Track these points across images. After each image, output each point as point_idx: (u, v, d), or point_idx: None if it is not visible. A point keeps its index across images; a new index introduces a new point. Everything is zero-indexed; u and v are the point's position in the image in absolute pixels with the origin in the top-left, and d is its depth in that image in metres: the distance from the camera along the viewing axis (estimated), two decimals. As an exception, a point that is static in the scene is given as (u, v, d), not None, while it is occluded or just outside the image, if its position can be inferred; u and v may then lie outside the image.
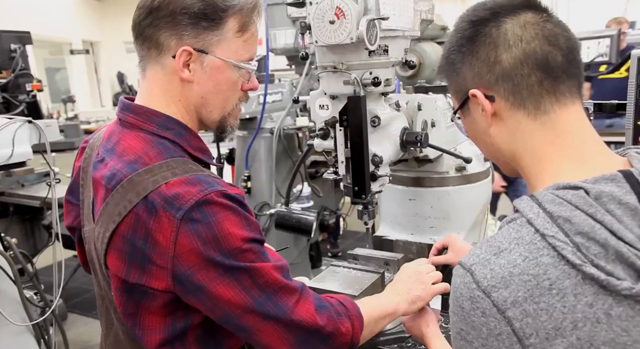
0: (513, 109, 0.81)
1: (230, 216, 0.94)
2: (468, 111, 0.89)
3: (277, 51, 3.37)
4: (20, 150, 2.26)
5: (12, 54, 3.29)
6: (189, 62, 1.02)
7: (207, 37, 1.02)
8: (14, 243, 2.30)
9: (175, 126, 1.05)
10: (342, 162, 1.37)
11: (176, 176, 0.95)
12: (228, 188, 0.98)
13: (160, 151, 1.00)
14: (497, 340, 0.70)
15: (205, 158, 1.08)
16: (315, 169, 3.78)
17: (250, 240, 0.96)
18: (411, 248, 1.73)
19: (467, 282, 0.73)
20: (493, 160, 0.94)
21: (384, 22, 1.25)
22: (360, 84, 1.29)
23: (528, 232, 0.72)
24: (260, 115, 3.24)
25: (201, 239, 0.91)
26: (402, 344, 1.36)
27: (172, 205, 0.92)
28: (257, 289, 0.95)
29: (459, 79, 0.87)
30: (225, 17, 1.02)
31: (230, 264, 0.93)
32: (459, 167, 1.70)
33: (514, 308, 0.69)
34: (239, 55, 1.06)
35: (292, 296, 0.99)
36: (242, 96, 1.13)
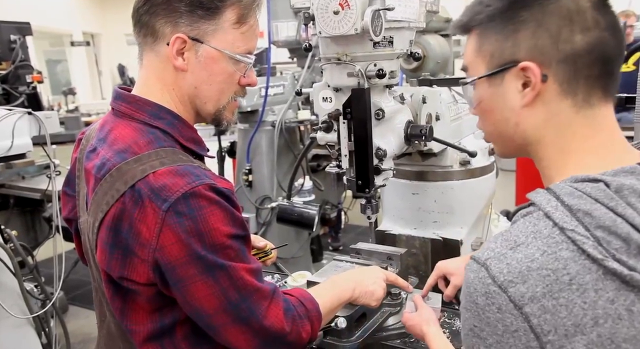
0: (561, 95, 0.75)
1: (216, 210, 0.93)
2: (499, 81, 0.78)
3: (279, 44, 3.35)
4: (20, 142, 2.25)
5: (12, 45, 3.27)
6: (183, 51, 1.01)
7: (202, 26, 1.00)
8: (14, 235, 2.29)
9: (167, 116, 1.03)
10: (346, 155, 1.35)
11: (164, 166, 0.93)
12: (217, 181, 0.96)
13: (151, 140, 0.99)
14: (513, 337, 0.68)
15: (198, 149, 1.07)
16: (317, 163, 3.76)
17: (233, 236, 0.95)
18: (414, 243, 1.72)
19: (482, 277, 0.70)
20: (499, 140, 0.86)
21: (389, 13, 1.23)
22: (364, 76, 1.27)
23: (546, 226, 0.70)
24: (262, 108, 3.22)
25: (185, 233, 0.90)
26: (405, 340, 1.35)
27: (158, 196, 0.90)
28: (234, 290, 0.94)
29: (508, 42, 0.76)
30: (222, 7, 1.00)
31: (211, 260, 0.92)
32: (463, 161, 1.68)
33: (532, 303, 0.66)
34: (235, 47, 1.04)
35: (265, 301, 0.98)
36: (239, 90, 1.11)
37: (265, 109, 3.24)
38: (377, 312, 1.37)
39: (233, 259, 0.95)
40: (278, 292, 1.03)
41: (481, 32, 0.79)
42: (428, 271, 1.72)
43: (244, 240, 1.00)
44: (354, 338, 1.25)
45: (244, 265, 0.97)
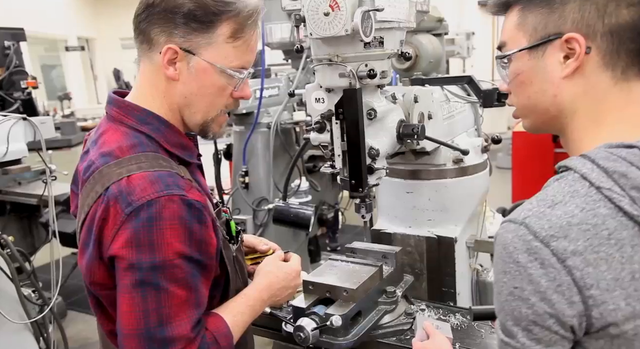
0: (602, 67, 0.79)
1: (176, 225, 0.92)
2: (541, 54, 0.81)
3: (273, 45, 3.36)
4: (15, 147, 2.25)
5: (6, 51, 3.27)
6: (175, 61, 1.02)
7: (196, 39, 1.01)
8: (11, 241, 2.29)
9: (153, 121, 1.04)
10: (339, 155, 1.36)
11: (141, 170, 0.95)
12: (189, 192, 0.96)
13: (134, 145, 1.00)
14: (556, 292, 0.69)
15: (184, 155, 1.07)
16: (313, 164, 3.77)
17: (185, 257, 0.94)
18: (409, 241, 1.73)
19: (522, 234, 0.72)
20: (531, 112, 0.88)
21: (378, 14, 1.24)
22: (355, 76, 1.28)
23: (582, 186, 0.73)
24: (257, 110, 3.23)
25: (137, 241, 0.91)
26: (401, 337, 1.36)
27: (124, 199, 0.92)
28: (156, 316, 0.92)
29: (554, 15, 0.79)
30: (217, 21, 1.01)
31: (149, 276, 0.91)
32: (456, 160, 1.69)
33: (575, 257, 0.68)
34: (228, 61, 1.04)
35: (181, 342, 0.94)
36: (231, 103, 1.11)
37: (260, 111, 3.24)
38: (373, 310, 1.38)
39: (176, 281, 0.93)
40: (200, 330, 0.99)
41: (524, 6, 0.83)
42: (423, 269, 1.73)
43: (199, 265, 0.97)
44: (350, 336, 1.26)
45: (185, 293, 0.94)
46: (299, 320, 1.25)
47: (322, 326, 1.23)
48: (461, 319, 1.43)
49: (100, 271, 0.97)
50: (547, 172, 5.04)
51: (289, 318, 1.33)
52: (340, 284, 1.32)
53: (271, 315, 1.41)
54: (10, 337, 2.16)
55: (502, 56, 0.88)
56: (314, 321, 1.24)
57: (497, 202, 4.61)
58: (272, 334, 1.50)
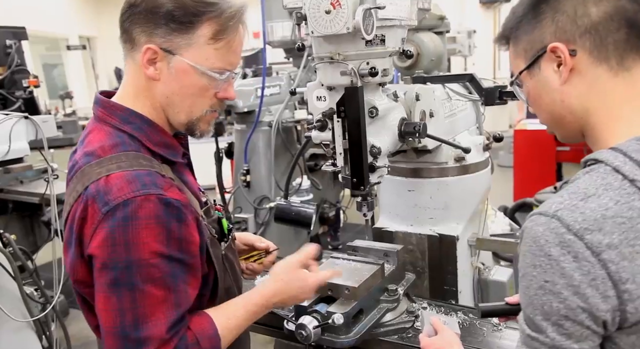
0: (595, 63, 0.81)
1: (152, 224, 0.93)
2: (538, 70, 0.87)
3: (274, 44, 3.36)
4: (17, 146, 2.25)
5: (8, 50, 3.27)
6: (155, 61, 1.02)
7: (175, 39, 1.00)
8: (13, 240, 2.29)
9: (136, 120, 1.05)
10: (340, 153, 1.36)
11: (120, 170, 0.95)
12: (168, 191, 0.96)
13: (116, 144, 1.01)
14: (590, 286, 0.69)
15: (167, 154, 1.07)
16: (315, 162, 3.77)
17: (163, 256, 0.94)
18: (411, 239, 1.73)
19: (554, 227, 0.71)
20: (555, 124, 0.92)
21: (380, 12, 1.24)
22: (357, 74, 1.28)
23: (615, 179, 0.73)
24: (259, 108, 3.23)
25: (112, 240, 0.91)
26: (402, 335, 1.36)
27: (102, 198, 0.93)
28: (131, 315, 0.92)
29: (534, 34, 0.86)
30: (197, 22, 1.00)
31: (124, 276, 0.92)
32: (457, 158, 1.69)
33: (610, 250, 0.68)
34: (210, 62, 1.03)
35: (155, 342, 0.94)
36: (216, 103, 1.10)
37: (261, 110, 3.25)
38: (375, 308, 1.38)
39: (153, 281, 0.93)
40: (178, 331, 0.97)
41: (515, 36, 0.90)
42: (425, 268, 1.73)
43: (181, 264, 0.97)
44: (352, 334, 1.26)
45: (161, 293, 0.94)
46: (301, 318, 1.25)
47: (324, 324, 1.23)
48: (463, 318, 1.43)
49: (82, 269, 0.99)
50: (548, 170, 5.03)
51: (291, 316, 1.33)
52: (342, 283, 1.32)
53: (273, 313, 1.41)
54: (13, 335, 2.17)
55: (510, 84, 0.96)
56: (316, 319, 1.24)
57: (499, 200, 4.61)
58: (274, 332, 1.50)
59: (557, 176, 5.10)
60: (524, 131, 5.28)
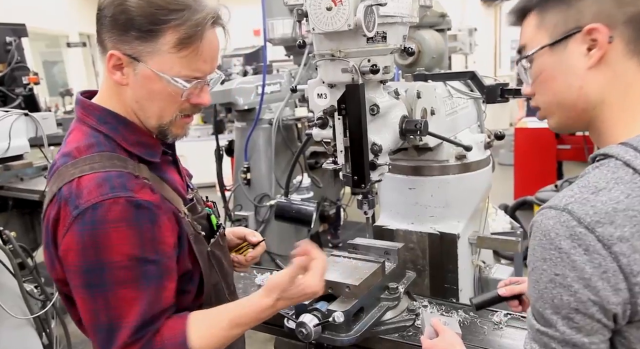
0: (627, 56, 0.79)
1: (122, 227, 0.93)
2: (563, 49, 0.82)
3: (275, 41, 3.35)
4: (17, 143, 2.24)
5: (8, 47, 3.25)
6: (122, 66, 1.01)
7: (139, 47, 0.99)
8: (13, 237, 2.29)
9: (112, 120, 1.04)
10: (341, 151, 1.35)
11: (92, 171, 0.95)
12: (139, 193, 0.95)
13: (91, 144, 1.00)
14: (601, 279, 0.68)
15: (144, 154, 1.05)
16: (315, 160, 3.76)
17: (134, 258, 0.94)
18: (411, 237, 1.73)
19: (565, 220, 0.71)
20: (560, 109, 0.86)
21: (381, 8, 1.23)
22: (358, 71, 1.27)
23: (626, 173, 0.72)
24: (259, 106, 3.23)
25: (82, 243, 0.92)
26: (403, 333, 1.36)
27: (73, 202, 0.93)
28: (104, 315, 0.95)
29: (572, 10, 0.80)
30: (159, 30, 0.97)
31: (96, 278, 0.93)
32: (459, 156, 1.68)
33: (621, 243, 0.68)
34: (174, 71, 1.00)
35: (120, 345, 0.94)
36: (188, 108, 1.07)
37: (262, 107, 3.24)
38: (375, 306, 1.38)
39: (123, 283, 0.94)
40: (143, 336, 0.96)
41: (541, 9, 0.84)
42: (426, 266, 1.73)
43: (155, 265, 0.97)
44: (352, 333, 1.26)
45: (132, 294, 0.94)
46: (301, 316, 1.25)
47: (325, 322, 1.23)
48: (464, 316, 1.42)
49: (60, 269, 0.99)
50: (549, 168, 5.03)
51: (291, 314, 1.33)
52: (342, 281, 1.32)
53: (273, 311, 1.41)
54: (13, 332, 2.16)
55: (523, 57, 0.88)
56: (316, 317, 1.24)
57: (500, 198, 4.60)
58: (274, 330, 1.50)
59: (557, 175, 5.10)
60: (524, 129, 5.27)
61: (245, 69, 4.02)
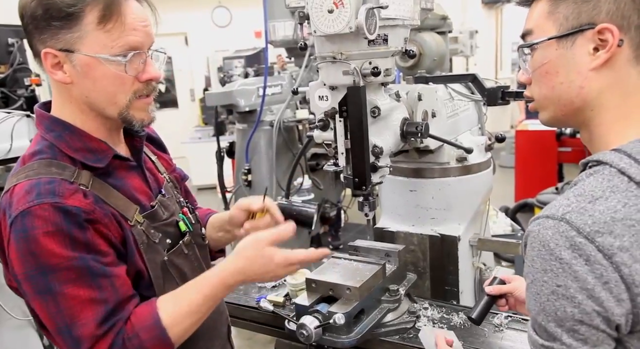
0: (633, 62, 0.77)
1: (51, 232, 0.92)
2: (570, 44, 0.79)
3: (276, 43, 3.35)
4: (18, 144, 2.24)
5: (10, 48, 3.26)
6: (60, 64, 1.00)
7: (65, 36, 0.97)
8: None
9: (57, 128, 1.04)
10: (342, 153, 1.35)
11: (27, 179, 0.97)
12: (69, 199, 0.95)
13: (34, 152, 1.02)
14: (604, 290, 0.67)
15: (88, 160, 1.03)
16: (316, 162, 3.77)
17: (71, 258, 0.94)
18: (412, 239, 1.73)
19: (564, 231, 0.69)
20: (554, 105, 0.84)
21: (383, 11, 1.23)
22: (359, 74, 1.27)
23: (621, 181, 0.71)
24: (260, 108, 3.23)
25: (20, 251, 0.93)
26: (404, 335, 1.36)
27: (7, 211, 0.96)
28: (61, 317, 0.95)
29: (588, 5, 0.77)
30: (78, 12, 0.96)
31: (42, 283, 0.93)
32: (459, 158, 1.69)
33: (622, 253, 0.67)
34: (109, 48, 0.98)
35: (88, 341, 0.95)
36: (141, 87, 1.05)
37: (263, 109, 3.24)
38: (376, 308, 1.38)
39: (71, 281, 0.94)
40: (112, 326, 0.97)
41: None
42: (426, 268, 1.73)
43: (96, 261, 0.96)
44: (353, 334, 1.26)
45: (83, 292, 0.95)
46: (302, 318, 1.25)
47: (325, 324, 1.23)
48: (464, 318, 1.42)
49: (10, 276, 1.01)
50: (550, 171, 5.03)
51: (292, 316, 1.33)
52: (343, 282, 1.32)
53: (274, 313, 1.41)
54: (14, 333, 2.17)
55: (527, 45, 0.84)
56: (317, 319, 1.24)
57: (500, 201, 4.60)
58: (275, 332, 1.50)
59: (558, 177, 5.10)
60: (525, 132, 5.27)
61: (246, 70, 4.03)
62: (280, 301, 1.55)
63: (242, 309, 1.57)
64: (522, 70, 0.89)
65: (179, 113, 9.00)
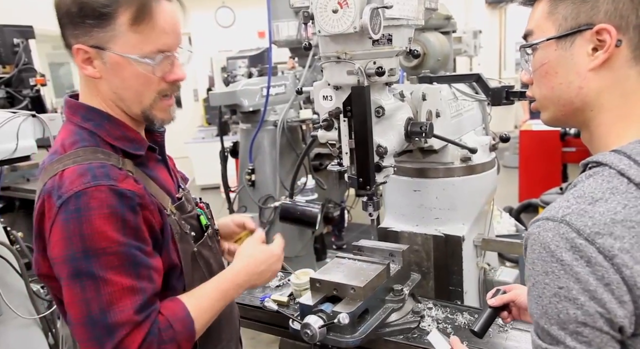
0: (632, 61, 0.77)
1: (106, 214, 0.93)
2: (569, 44, 0.79)
3: (280, 43, 3.36)
4: (24, 144, 2.25)
5: (15, 48, 3.28)
6: (91, 59, 1.02)
7: (98, 35, 0.99)
8: (20, 237, 2.30)
9: (96, 117, 1.06)
10: (347, 153, 1.36)
11: (75, 164, 0.97)
12: (122, 183, 0.96)
13: (75, 141, 1.02)
14: (606, 291, 0.67)
15: (129, 148, 1.06)
16: (320, 162, 3.77)
17: (120, 244, 0.94)
18: (416, 239, 1.73)
19: (564, 233, 0.69)
20: (555, 105, 0.84)
21: (387, 11, 1.23)
22: (364, 74, 1.28)
23: (621, 183, 0.71)
24: (264, 108, 3.23)
25: (68, 232, 0.93)
26: (408, 335, 1.36)
27: (56, 192, 0.95)
28: (97, 304, 0.93)
29: (586, 5, 0.77)
30: (112, 12, 0.98)
31: (84, 266, 0.93)
32: (464, 158, 1.69)
33: (622, 254, 0.66)
34: (139, 49, 1.00)
35: (127, 325, 0.94)
36: (166, 88, 1.07)
37: (267, 109, 3.25)
38: (380, 308, 1.38)
39: (113, 268, 0.94)
40: (149, 315, 0.97)
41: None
42: (430, 268, 1.73)
43: (141, 251, 0.98)
44: (357, 334, 1.26)
45: (124, 280, 0.95)
46: (306, 318, 1.26)
47: (329, 323, 1.23)
48: (468, 318, 1.42)
49: (44, 263, 1.00)
50: (554, 171, 5.01)
51: (296, 316, 1.34)
52: (347, 282, 1.32)
53: (278, 313, 1.42)
54: (20, 332, 2.18)
55: (528, 45, 0.84)
56: (321, 318, 1.24)
57: (504, 201, 4.59)
58: (279, 331, 1.51)
59: (562, 177, 5.08)
60: (529, 132, 5.26)
61: (250, 70, 4.03)
62: (284, 301, 1.55)
63: (246, 309, 1.58)
64: (524, 71, 0.89)
65: (183, 113, 9.02)
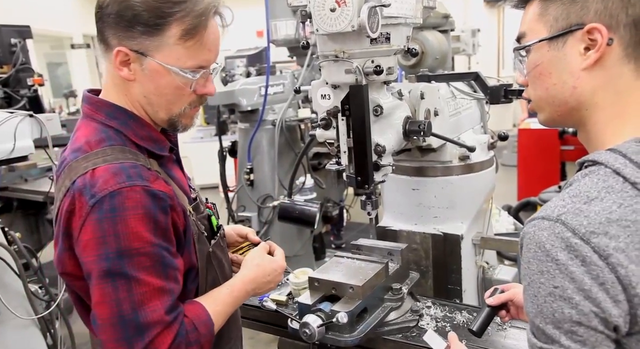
0: (625, 59, 0.77)
1: (140, 215, 0.93)
2: (561, 45, 0.80)
3: (278, 42, 3.35)
4: (21, 144, 2.25)
5: (13, 48, 3.27)
6: (129, 62, 1.02)
7: (145, 42, 1.00)
8: (18, 238, 2.30)
9: (121, 116, 1.05)
10: (345, 152, 1.35)
11: (105, 163, 0.96)
12: (154, 183, 0.97)
13: (102, 139, 1.02)
14: (601, 290, 0.67)
15: (154, 148, 1.07)
16: (318, 161, 3.77)
17: (152, 245, 0.95)
18: (415, 238, 1.73)
19: (559, 232, 0.69)
20: (550, 106, 0.85)
21: (385, 10, 1.23)
22: (362, 72, 1.27)
23: (616, 182, 0.71)
24: (262, 107, 3.23)
25: (102, 231, 0.92)
26: (407, 334, 1.36)
27: (88, 191, 0.94)
28: (129, 304, 0.93)
29: (576, 5, 0.77)
30: (165, 24, 0.99)
31: (116, 266, 0.93)
32: (462, 157, 1.69)
33: (617, 253, 0.66)
34: (181, 62, 1.02)
35: (158, 325, 0.95)
36: (196, 100, 1.09)
37: (265, 108, 3.24)
38: (379, 307, 1.38)
39: (145, 269, 0.94)
40: (177, 316, 0.99)
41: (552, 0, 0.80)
42: (429, 266, 1.73)
43: (169, 253, 0.98)
44: (356, 333, 1.26)
45: (155, 280, 0.95)
46: (305, 317, 1.25)
47: (328, 322, 1.23)
48: (467, 317, 1.42)
49: (70, 262, 0.99)
50: (552, 169, 5.02)
51: (295, 315, 1.33)
52: (346, 281, 1.32)
53: (277, 312, 1.41)
54: (18, 333, 2.17)
55: (521, 47, 0.85)
56: (320, 317, 1.24)
57: (503, 199, 4.60)
58: (278, 330, 1.50)
59: (561, 176, 5.09)
60: (528, 130, 5.26)
61: (248, 70, 4.03)
62: (283, 300, 1.55)
63: (245, 308, 1.58)
64: (519, 73, 0.90)
65: (181, 113, 8.99)
